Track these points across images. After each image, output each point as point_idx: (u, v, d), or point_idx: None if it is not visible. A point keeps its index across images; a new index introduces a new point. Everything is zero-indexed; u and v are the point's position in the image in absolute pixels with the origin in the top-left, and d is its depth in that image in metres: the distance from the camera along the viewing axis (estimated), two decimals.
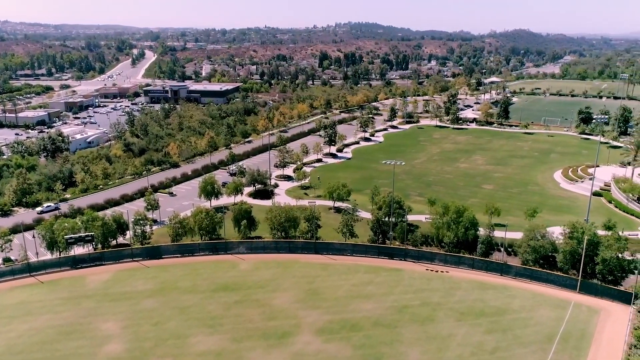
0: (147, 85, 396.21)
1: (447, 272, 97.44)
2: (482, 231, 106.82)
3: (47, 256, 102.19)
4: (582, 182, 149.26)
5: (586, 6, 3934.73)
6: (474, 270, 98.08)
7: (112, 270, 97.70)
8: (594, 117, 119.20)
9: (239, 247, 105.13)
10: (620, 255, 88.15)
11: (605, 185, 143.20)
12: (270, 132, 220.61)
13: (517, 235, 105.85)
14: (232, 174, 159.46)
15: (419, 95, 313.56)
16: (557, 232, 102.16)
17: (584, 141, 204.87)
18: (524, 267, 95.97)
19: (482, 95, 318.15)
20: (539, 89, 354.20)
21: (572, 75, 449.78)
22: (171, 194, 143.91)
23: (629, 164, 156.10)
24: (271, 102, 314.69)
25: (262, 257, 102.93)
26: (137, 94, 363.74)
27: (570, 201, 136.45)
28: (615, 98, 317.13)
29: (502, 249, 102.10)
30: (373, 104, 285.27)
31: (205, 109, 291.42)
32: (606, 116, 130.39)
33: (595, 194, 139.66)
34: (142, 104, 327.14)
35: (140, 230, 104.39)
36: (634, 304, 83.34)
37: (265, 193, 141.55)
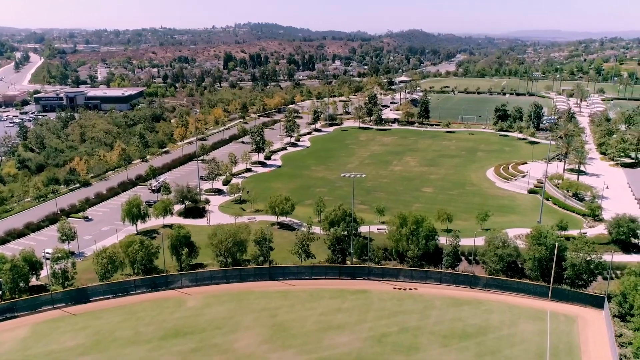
0: (37, 92, 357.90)
1: (415, 289, 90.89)
2: (441, 240, 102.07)
3: None
4: (516, 180, 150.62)
5: (471, 8, 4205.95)
6: (442, 285, 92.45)
7: (28, 323, 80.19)
8: (545, 118, 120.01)
9: (181, 280, 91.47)
10: (589, 258, 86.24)
11: (538, 183, 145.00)
12: (188, 140, 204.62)
13: (471, 241, 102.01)
14: (154, 191, 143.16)
15: (334, 96, 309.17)
16: (510, 235, 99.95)
17: (503, 138, 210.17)
18: (492, 278, 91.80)
19: (397, 94, 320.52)
20: (447, 87, 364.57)
21: (472, 73, 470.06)
22: (86, 218, 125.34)
23: (557, 159, 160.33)
24: (182, 107, 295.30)
25: (210, 289, 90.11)
26: (25, 102, 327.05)
27: (510, 200, 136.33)
28: (518, 94, 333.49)
29: (469, 259, 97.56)
30: (291, 106, 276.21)
31: (108, 117, 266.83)
32: (555, 117, 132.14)
33: (530, 191, 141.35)
34: (34, 113, 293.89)
35: (60, 270, 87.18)
36: (610, 307, 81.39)
37: (197, 211, 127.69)
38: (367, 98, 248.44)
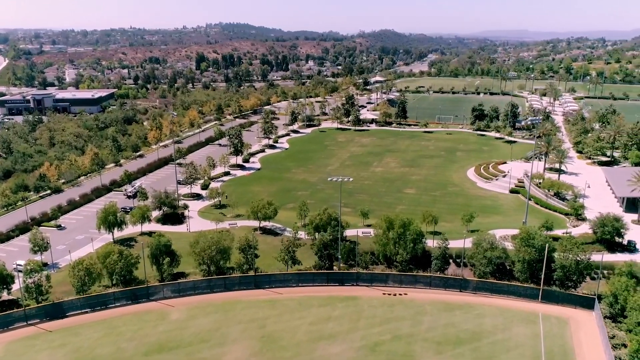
0: (2, 94, 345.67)
1: (405, 294, 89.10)
2: (428, 243, 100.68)
3: None
4: (497, 179, 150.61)
5: (440, 9, 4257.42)
6: (432, 289, 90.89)
7: (2, 341, 75.39)
8: (528, 118, 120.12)
9: (163, 291, 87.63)
10: (578, 259, 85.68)
11: (519, 182, 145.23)
12: (163, 143, 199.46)
13: (457, 243, 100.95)
14: (129, 197, 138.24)
15: (310, 97, 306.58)
16: (496, 236, 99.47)
17: (481, 137, 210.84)
18: (482, 281, 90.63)
19: (373, 95, 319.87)
20: (422, 87, 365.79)
21: (445, 73, 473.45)
22: (59, 226, 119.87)
23: (536, 158, 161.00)
24: (155, 109, 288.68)
25: (194, 300, 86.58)
26: None
27: (492, 200, 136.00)
28: (492, 94, 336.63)
29: (456, 262, 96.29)
30: (267, 107, 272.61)
31: (78, 120, 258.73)
32: (538, 117, 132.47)
33: (512, 191, 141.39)
34: None
35: (33, 284, 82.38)
36: (601, 307, 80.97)
37: (176, 217, 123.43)
38: (344, 99, 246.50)
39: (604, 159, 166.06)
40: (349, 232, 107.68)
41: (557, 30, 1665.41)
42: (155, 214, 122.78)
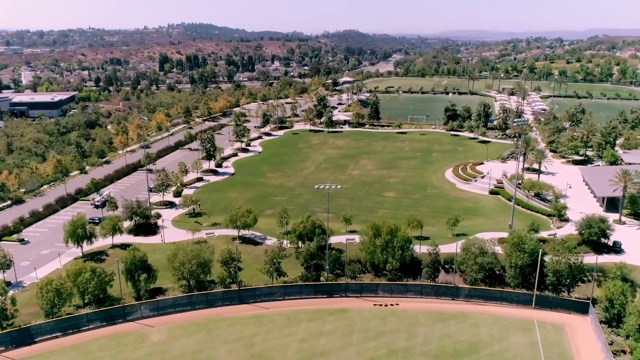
0: None
1: (397, 304, 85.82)
2: (416, 249, 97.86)
3: None
4: (476, 180, 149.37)
5: (403, 9, 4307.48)
6: (423, 298, 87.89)
7: None
8: (517, 120, 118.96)
9: (141, 310, 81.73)
10: (571, 263, 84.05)
11: (498, 183, 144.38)
12: (131, 148, 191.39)
13: (445, 248, 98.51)
14: (97, 206, 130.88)
15: (280, 98, 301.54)
16: (485, 240, 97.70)
17: (454, 138, 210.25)
18: (474, 288, 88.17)
19: (344, 95, 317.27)
20: (392, 87, 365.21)
21: (413, 73, 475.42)
22: (22, 240, 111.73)
23: (512, 158, 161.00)
24: (119, 112, 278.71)
25: (174, 319, 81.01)
26: None
27: (473, 202, 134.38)
28: (460, 93, 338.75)
29: (445, 268, 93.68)
30: (236, 109, 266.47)
31: (37, 125, 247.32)
32: (524, 119, 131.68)
33: (492, 192, 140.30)
34: None
35: None
36: (597, 312, 79.52)
37: (149, 227, 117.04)
38: (316, 100, 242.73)
39: (578, 157, 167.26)
40: (333, 240, 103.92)
41: (515, 31, 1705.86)
42: (126, 224, 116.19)
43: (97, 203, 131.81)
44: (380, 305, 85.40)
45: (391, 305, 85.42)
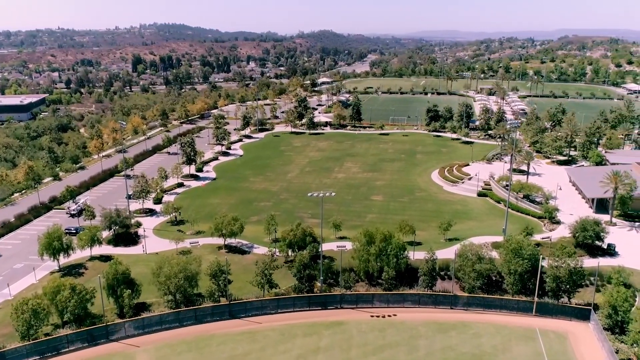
0: None
1: (394, 315, 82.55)
2: (411, 256, 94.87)
3: None
4: (463, 182, 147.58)
5: (377, 10, 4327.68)
6: (421, 307, 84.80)
7: None
8: (509, 122, 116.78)
9: (125, 329, 76.59)
10: (572, 269, 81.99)
11: (485, 185, 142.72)
12: (106, 153, 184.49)
13: (438, 254, 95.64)
14: (73, 215, 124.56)
15: (258, 100, 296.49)
16: (477, 245, 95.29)
17: (437, 139, 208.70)
18: (473, 296, 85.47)
19: (323, 96, 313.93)
20: (371, 87, 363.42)
21: (390, 73, 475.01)
22: None
23: (497, 159, 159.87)
24: (92, 115, 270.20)
25: (162, 337, 76.12)
26: None
27: (462, 205, 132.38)
28: (439, 94, 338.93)
29: (440, 275, 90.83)
30: (215, 111, 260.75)
31: (6, 129, 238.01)
32: (518, 121, 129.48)
33: (480, 194, 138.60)
34: None
35: None
36: (598, 318, 77.58)
37: (129, 237, 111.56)
38: (296, 101, 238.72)
39: (562, 158, 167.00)
40: (323, 247, 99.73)
41: (487, 31, 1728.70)
42: (105, 234, 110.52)
43: (72, 212, 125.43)
44: (378, 316, 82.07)
45: (389, 316, 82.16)
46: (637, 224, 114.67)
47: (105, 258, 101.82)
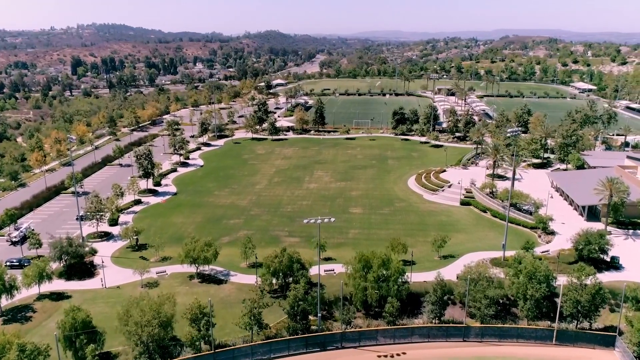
0: None
1: (403, 353, 72.75)
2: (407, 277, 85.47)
3: None
4: (443, 190, 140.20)
5: (322, 11, 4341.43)
6: (431, 342, 75.49)
7: None
8: (510, 130, 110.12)
9: None
10: (594, 293, 74.61)
11: (467, 192, 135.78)
12: (49, 167, 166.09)
13: (428, 275, 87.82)
14: (15, 243, 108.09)
15: (212, 103, 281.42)
16: (475, 263, 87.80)
17: (405, 142, 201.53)
18: (486, 326, 76.85)
19: (280, 99, 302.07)
20: (328, 89, 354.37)
21: (344, 74, 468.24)
22: None
23: (472, 163, 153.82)
24: (30, 123, 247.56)
25: None
26: None
27: (447, 216, 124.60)
28: (397, 95, 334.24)
29: (449, 300, 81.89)
30: (167, 117, 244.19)
31: None
32: (518, 129, 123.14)
33: (462, 203, 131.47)
34: None
35: None
36: (627, 345, 70.61)
37: (83, 268, 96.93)
38: (255, 105, 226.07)
39: (537, 161, 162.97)
40: (312, 272, 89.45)
41: (429, 31, 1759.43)
42: (55, 265, 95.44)
43: (14, 239, 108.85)
44: (385, 356, 72.02)
45: (397, 355, 72.28)
46: (630, 231, 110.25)
47: (57, 296, 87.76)
